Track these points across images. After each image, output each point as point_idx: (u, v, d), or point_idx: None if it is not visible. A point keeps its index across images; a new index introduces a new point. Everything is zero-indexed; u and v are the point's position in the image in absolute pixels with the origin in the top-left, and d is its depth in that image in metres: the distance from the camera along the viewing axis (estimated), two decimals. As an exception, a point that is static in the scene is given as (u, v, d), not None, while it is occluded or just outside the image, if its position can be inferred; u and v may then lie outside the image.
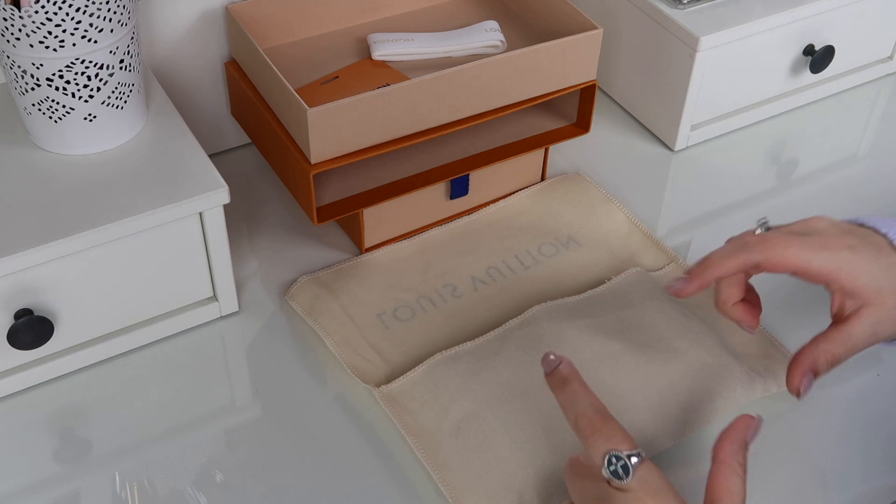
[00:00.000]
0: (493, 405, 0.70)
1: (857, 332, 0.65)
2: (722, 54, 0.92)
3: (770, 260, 0.65)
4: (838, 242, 0.65)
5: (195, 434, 0.72)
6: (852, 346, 0.65)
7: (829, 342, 0.65)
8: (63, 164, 0.74)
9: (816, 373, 0.65)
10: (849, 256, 0.64)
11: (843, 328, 0.65)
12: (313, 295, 0.80)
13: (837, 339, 0.65)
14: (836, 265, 0.64)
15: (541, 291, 0.81)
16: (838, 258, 0.64)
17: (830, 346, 0.65)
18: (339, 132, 0.75)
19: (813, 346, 0.66)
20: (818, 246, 0.65)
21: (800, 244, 0.65)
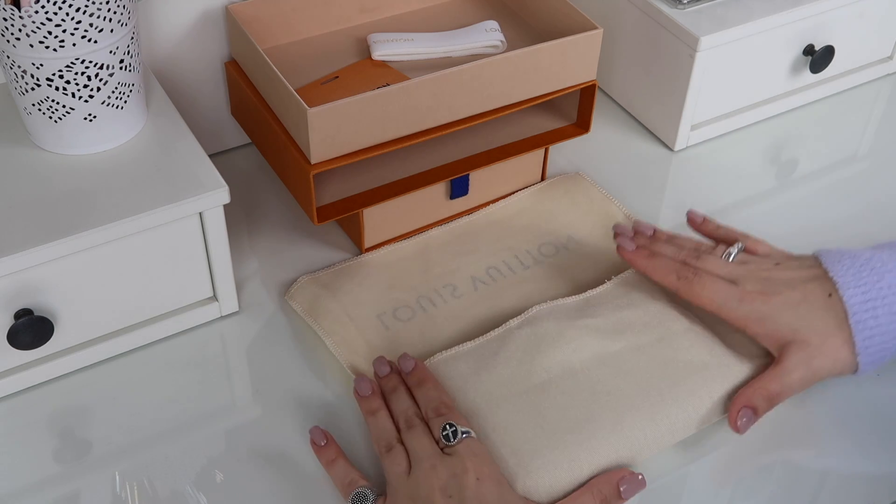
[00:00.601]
0: (493, 405, 0.70)
1: (789, 368, 0.70)
2: (722, 54, 0.92)
3: (687, 294, 0.74)
4: (754, 296, 0.72)
5: (195, 434, 0.72)
6: (788, 382, 0.70)
7: (766, 380, 0.70)
8: (63, 164, 0.74)
9: (754, 409, 0.69)
10: (759, 307, 0.71)
11: (777, 367, 0.71)
12: (313, 295, 0.80)
13: (771, 376, 0.70)
14: (743, 314, 0.72)
15: (541, 291, 0.81)
16: (747, 308, 0.72)
17: (766, 384, 0.70)
18: (339, 132, 0.75)
19: (749, 386, 0.71)
20: (733, 296, 0.72)
21: (717, 290, 0.73)
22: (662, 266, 0.76)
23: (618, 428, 0.69)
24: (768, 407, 0.70)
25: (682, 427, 0.70)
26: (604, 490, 0.66)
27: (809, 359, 0.70)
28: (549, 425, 0.68)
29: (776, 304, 0.71)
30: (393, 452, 0.67)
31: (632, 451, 0.68)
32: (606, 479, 0.66)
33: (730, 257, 0.76)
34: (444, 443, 0.66)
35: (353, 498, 0.65)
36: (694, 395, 0.71)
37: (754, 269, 0.74)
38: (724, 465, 0.71)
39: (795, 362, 0.70)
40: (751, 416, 0.69)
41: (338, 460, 0.68)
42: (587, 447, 0.67)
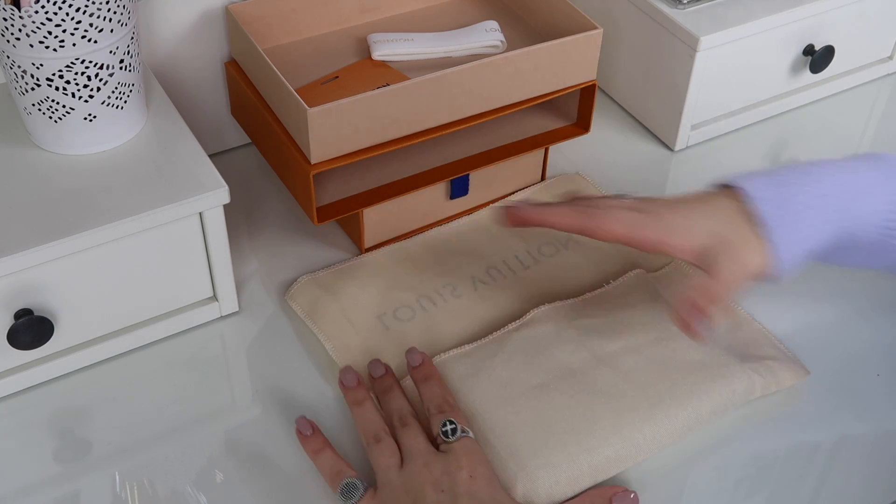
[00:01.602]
0: (492, 407, 0.70)
1: (720, 269, 0.68)
2: (722, 54, 0.92)
3: (597, 229, 0.70)
4: (665, 211, 0.70)
5: (195, 434, 0.72)
6: (724, 280, 0.68)
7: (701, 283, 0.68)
8: (63, 164, 0.74)
9: (698, 308, 0.67)
10: (675, 221, 0.69)
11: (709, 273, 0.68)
12: (313, 296, 0.80)
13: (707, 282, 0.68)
14: (658, 231, 0.69)
15: (540, 291, 0.81)
16: (662, 224, 0.69)
17: (702, 282, 0.68)
18: (339, 132, 0.75)
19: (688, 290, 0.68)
20: (644, 218, 0.69)
21: (626, 216, 0.70)
22: (561, 210, 0.72)
23: (617, 428, 0.69)
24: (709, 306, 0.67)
25: (681, 427, 0.70)
26: (596, 502, 0.66)
27: (735, 254, 0.68)
28: (548, 426, 0.68)
29: (690, 215, 0.70)
30: (382, 444, 0.67)
31: (631, 451, 0.68)
32: (600, 493, 0.66)
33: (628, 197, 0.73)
34: (443, 439, 0.66)
35: (342, 488, 0.65)
36: (693, 396, 0.71)
37: (659, 200, 0.72)
38: (724, 465, 0.71)
39: (723, 261, 0.68)
40: (699, 316, 0.67)
41: (324, 450, 0.68)
42: (586, 448, 0.67)
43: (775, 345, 0.77)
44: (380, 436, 0.68)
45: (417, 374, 0.72)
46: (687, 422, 0.70)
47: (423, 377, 0.71)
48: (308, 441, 0.69)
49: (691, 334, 0.68)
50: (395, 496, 0.64)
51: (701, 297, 0.68)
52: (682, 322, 0.68)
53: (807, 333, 0.79)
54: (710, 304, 0.68)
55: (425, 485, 0.64)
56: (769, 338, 0.78)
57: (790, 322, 0.79)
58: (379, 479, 0.66)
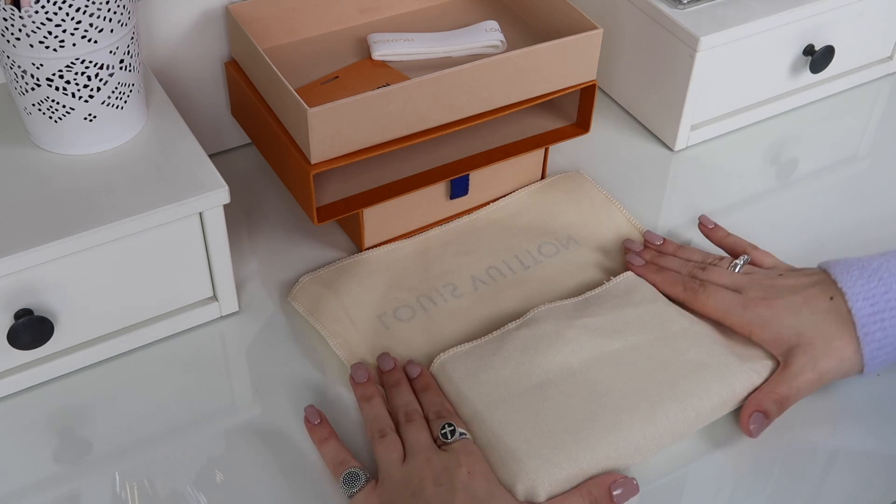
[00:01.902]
0: (492, 406, 0.70)
1: (795, 372, 0.71)
2: (722, 54, 0.92)
3: (693, 304, 0.77)
4: (757, 301, 0.74)
5: (195, 434, 0.72)
6: (796, 386, 0.71)
7: (772, 384, 0.71)
8: (63, 164, 0.74)
9: (765, 413, 0.71)
10: (763, 313, 0.73)
11: (783, 370, 0.72)
12: (315, 294, 0.80)
13: (780, 380, 0.72)
14: (747, 320, 0.74)
15: (540, 291, 0.81)
16: (751, 314, 0.74)
17: (774, 388, 0.71)
18: (339, 132, 0.75)
19: (759, 391, 0.72)
20: (737, 304, 0.75)
21: (721, 299, 0.75)
22: (670, 279, 0.79)
23: (617, 428, 0.69)
24: (779, 411, 0.71)
25: (681, 427, 0.70)
26: (594, 492, 0.66)
27: (815, 361, 0.71)
28: (548, 425, 0.68)
29: (779, 308, 0.73)
30: (387, 439, 0.68)
31: (631, 450, 0.68)
32: (599, 482, 0.66)
33: (735, 268, 0.78)
34: (442, 440, 0.68)
35: (345, 477, 0.66)
36: (693, 395, 0.71)
37: (758, 279, 0.76)
38: (724, 465, 0.71)
39: (801, 365, 0.71)
40: (762, 420, 0.70)
41: (330, 440, 0.69)
42: (586, 447, 0.67)
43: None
44: (385, 431, 0.69)
45: (417, 385, 0.73)
46: (687, 422, 0.70)
47: (422, 387, 0.73)
48: (315, 430, 0.70)
49: (748, 434, 0.71)
50: (395, 489, 0.65)
51: (770, 404, 0.71)
52: (745, 426, 0.71)
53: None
54: (776, 412, 0.71)
55: (425, 479, 0.65)
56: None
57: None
58: (381, 472, 0.67)
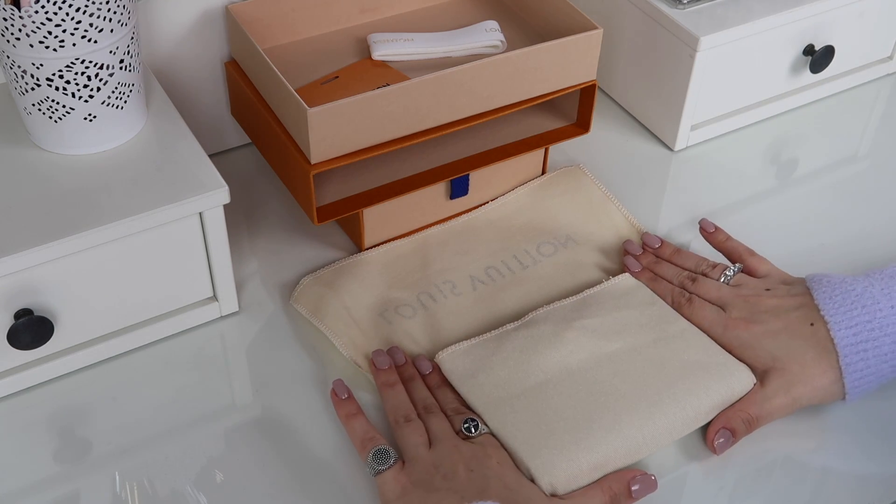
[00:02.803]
0: (491, 407, 0.70)
1: (769, 394, 0.71)
2: (722, 54, 0.92)
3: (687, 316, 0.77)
4: (737, 322, 0.74)
5: (195, 434, 0.72)
6: (769, 408, 0.71)
7: (746, 403, 0.71)
8: (63, 164, 0.74)
9: (733, 431, 0.70)
10: (741, 334, 0.74)
11: (758, 392, 0.71)
12: (317, 295, 0.80)
13: (752, 400, 0.72)
14: (727, 341, 0.74)
15: (539, 291, 0.81)
16: (731, 335, 0.74)
17: (746, 407, 0.71)
18: (339, 132, 0.75)
19: (732, 407, 0.71)
20: (718, 323, 0.75)
21: (704, 317, 0.76)
22: (661, 290, 0.79)
23: (616, 428, 0.69)
24: (747, 430, 0.71)
25: (680, 426, 0.70)
26: (614, 487, 0.66)
27: (789, 385, 0.71)
28: (547, 426, 0.68)
29: (757, 332, 0.73)
30: (413, 424, 0.69)
31: (630, 450, 0.68)
32: (619, 477, 0.67)
33: (725, 279, 0.78)
34: (466, 434, 0.68)
35: (374, 453, 0.67)
36: (692, 395, 0.71)
37: (744, 295, 0.76)
38: (724, 465, 0.71)
39: (775, 388, 0.71)
40: (728, 438, 0.70)
41: (358, 416, 0.70)
42: (585, 447, 0.67)
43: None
44: (410, 416, 0.69)
45: (430, 381, 0.74)
46: (686, 421, 0.70)
47: (437, 384, 0.73)
48: (342, 405, 0.71)
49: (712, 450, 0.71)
50: (426, 469, 0.66)
51: (738, 423, 0.71)
52: (710, 443, 0.71)
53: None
54: (744, 431, 0.71)
55: (457, 463, 0.65)
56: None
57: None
58: (408, 454, 0.67)
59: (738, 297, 0.76)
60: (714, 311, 0.76)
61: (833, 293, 0.72)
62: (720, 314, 0.75)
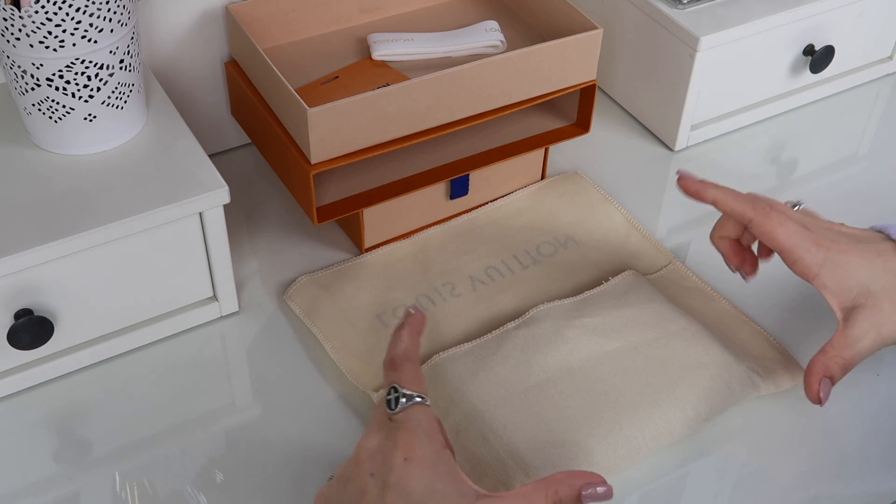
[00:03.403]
0: (491, 406, 0.70)
1: (859, 336, 0.67)
2: (722, 54, 0.92)
3: (761, 226, 0.69)
4: (830, 244, 0.68)
5: (195, 434, 0.72)
6: (859, 350, 0.67)
7: (837, 348, 0.67)
8: (63, 164, 0.75)
9: (832, 378, 0.67)
10: (836, 257, 0.67)
11: (845, 333, 0.67)
12: (312, 296, 0.80)
13: (843, 343, 0.67)
14: (818, 261, 0.67)
15: (539, 291, 0.81)
16: (822, 256, 0.67)
17: (839, 352, 0.67)
18: (339, 132, 0.75)
19: (823, 354, 0.67)
20: (809, 239, 0.68)
21: (794, 230, 0.68)
22: (735, 195, 0.71)
23: (616, 427, 0.69)
24: (843, 375, 0.67)
25: (680, 426, 0.70)
26: (560, 492, 0.55)
27: (880, 326, 0.67)
28: (548, 425, 0.68)
29: (852, 254, 0.67)
30: None
31: (630, 449, 0.68)
32: (568, 481, 0.56)
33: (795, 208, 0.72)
34: (387, 409, 0.57)
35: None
36: (692, 394, 0.71)
37: (824, 223, 0.70)
38: (724, 465, 0.71)
39: (866, 328, 0.67)
40: (829, 386, 0.67)
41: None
42: (585, 446, 0.67)
43: (774, 345, 0.77)
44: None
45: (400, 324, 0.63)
46: (686, 421, 0.70)
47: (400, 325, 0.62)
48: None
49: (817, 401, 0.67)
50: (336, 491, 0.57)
51: (836, 369, 0.67)
52: (815, 394, 0.67)
53: (805, 334, 0.79)
54: (841, 376, 0.67)
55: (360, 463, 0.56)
56: (768, 338, 0.78)
57: (789, 323, 0.79)
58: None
59: (819, 222, 0.70)
60: (801, 227, 0.68)
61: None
62: (808, 231, 0.68)
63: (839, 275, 0.67)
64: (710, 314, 0.79)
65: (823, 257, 0.67)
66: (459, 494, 0.54)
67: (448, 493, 0.54)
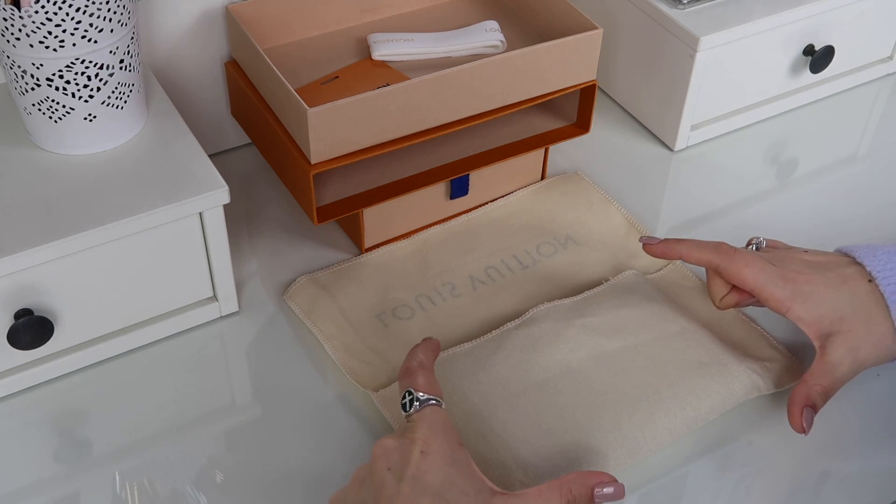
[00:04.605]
0: (491, 405, 0.70)
1: (836, 362, 0.68)
2: (722, 54, 0.92)
3: (728, 269, 0.72)
4: (796, 275, 0.70)
5: (195, 434, 0.72)
6: (838, 377, 0.69)
7: (816, 376, 0.69)
8: (63, 164, 0.75)
9: (813, 406, 0.68)
10: (804, 288, 0.69)
11: (823, 360, 0.69)
12: (312, 296, 0.80)
13: (822, 371, 0.69)
14: (788, 294, 0.69)
15: (539, 291, 0.81)
16: (791, 289, 0.69)
17: (818, 380, 0.69)
18: (339, 132, 0.75)
19: (803, 384, 0.69)
20: (776, 274, 0.70)
21: (759, 268, 0.70)
22: (697, 245, 0.74)
23: (616, 427, 0.69)
24: (824, 402, 0.68)
25: (680, 426, 0.70)
26: (574, 491, 0.58)
27: (856, 350, 0.68)
28: (547, 425, 0.68)
29: (819, 284, 0.69)
30: None
31: (630, 450, 0.68)
32: (582, 480, 0.59)
33: (757, 248, 0.74)
34: (403, 412, 0.61)
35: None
36: (692, 394, 0.71)
37: (787, 254, 0.72)
38: (724, 465, 0.71)
39: (842, 354, 0.68)
40: (812, 415, 0.68)
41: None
42: (585, 446, 0.67)
43: (774, 345, 0.77)
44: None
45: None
46: (686, 421, 0.70)
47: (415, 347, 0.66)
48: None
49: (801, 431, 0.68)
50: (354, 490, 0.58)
51: (818, 397, 0.68)
52: (798, 423, 0.68)
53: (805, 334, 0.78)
54: (822, 403, 0.68)
55: (377, 459, 0.58)
56: (768, 338, 0.78)
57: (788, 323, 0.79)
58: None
59: (781, 256, 0.72)
60: (768, 265, 0.70)
61: (875, 252, 0.70)
62: (774, 267, 0.70)
63: (810, 305, 0.69)
64: (710, 314, 0.79)
65: (792, 290, 0.70)
66: (476, 490, 0.55)
67: (465, 487, 0.55)
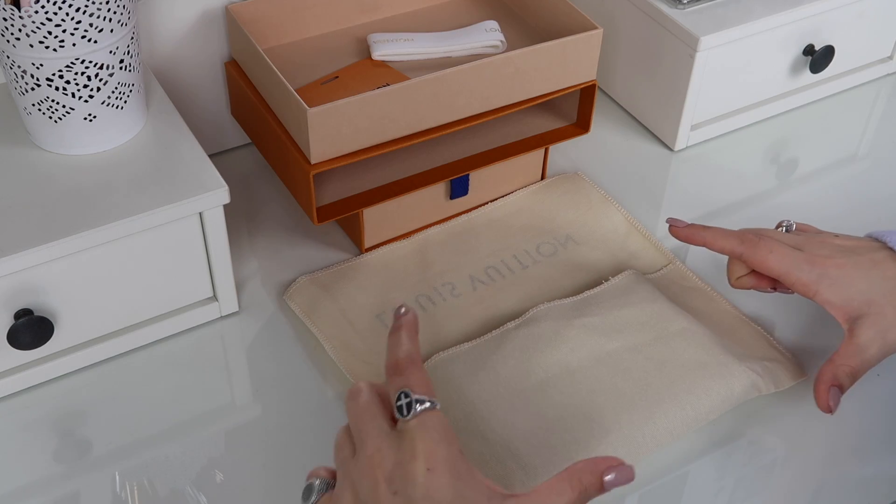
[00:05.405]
0: (491, 405, 0.70)
1: (865, 344, 0.68)
2: (722, 54, 0.92)
3: (753, 258, 0.72)
4: (824, 259, 0.70)
5: (195, 434, 0.72)
6: (867, 358, 0.68)
7: (844, 356, 0.68)
8: (63, 164, 0.75)
9: (840, 386, 0.68)
10: (833, 272, 0.69)
11: (851, 342, 0.68)
12: (312, 296, 0.80)
13: (850, 352, 0.68)
14: (815, 278, 0.69)
15: (539, 291, 0.81)
16: (818, 273, 0.69)
17: (846, 360, 0.68)
18: (339, 132, 0.75)
19: (830, 363, 0.69)
20: (802, 259, 0.70)
21: (784, 254, 0.70)
22: (723, 233, 0.73)
23: (616, 427, 0.69)
24: (851, 384, 0.68)
25: (680, 426, 0.70)
26: (584, 480, 0.54)
27: (885, 333, 0.68)
28: (547, 424, 0.68)
29: (848, 268, 0.69)
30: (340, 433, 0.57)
31: (630, 450, 0.68)
32: (590, 468, 0.55)
33: (787, 230, 0.74)
34: (398, 416, 0.55)
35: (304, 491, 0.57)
36: (692, 394, 0.71)
37: (816, 238, 0.72)
38: (724, 465, 0.71)
39: (871, 337, 0.68)
40: (839, 395, 0.68)
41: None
42: (585, 446, 0.67)
43: (774, 345, 0.77)
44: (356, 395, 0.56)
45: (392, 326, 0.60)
46: (686, 421, 0.70)
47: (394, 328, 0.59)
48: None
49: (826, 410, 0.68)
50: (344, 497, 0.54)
51: (844, 378, 0.68)
52: (825, 402, 0.68)
53: (805, 334, 0.79)
54: (849, 384, 0.68)
55: (378, 483, 0.52)
56: (768, 338, 0.78)
57: (788, 322, 0.79)
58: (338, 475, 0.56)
59: (810, 239, 0.71)
60: (793, 250, 0.69)
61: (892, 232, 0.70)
62: (800, 252, 0.69)
63: (838, 288, 0.69)
64: (710, 314, 0.79)
65: (819, 274, 0.69)
66: (488, 497, 0.53)
67: (477, 497, 0.52)
